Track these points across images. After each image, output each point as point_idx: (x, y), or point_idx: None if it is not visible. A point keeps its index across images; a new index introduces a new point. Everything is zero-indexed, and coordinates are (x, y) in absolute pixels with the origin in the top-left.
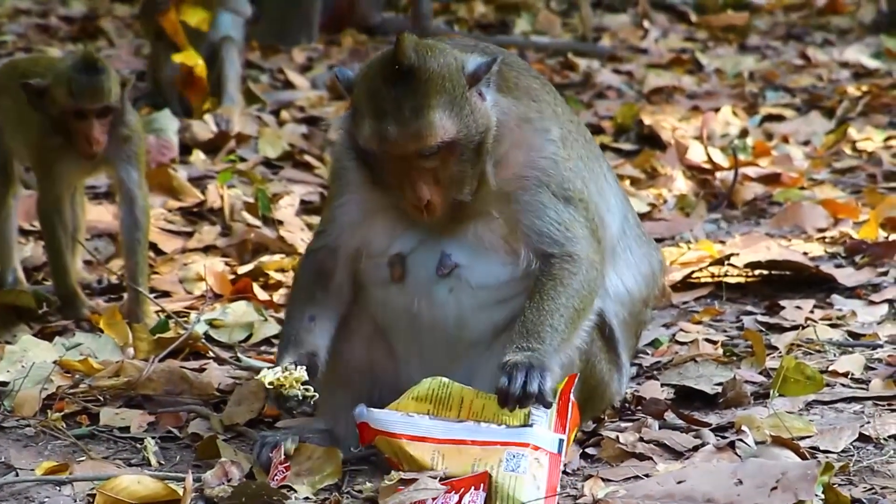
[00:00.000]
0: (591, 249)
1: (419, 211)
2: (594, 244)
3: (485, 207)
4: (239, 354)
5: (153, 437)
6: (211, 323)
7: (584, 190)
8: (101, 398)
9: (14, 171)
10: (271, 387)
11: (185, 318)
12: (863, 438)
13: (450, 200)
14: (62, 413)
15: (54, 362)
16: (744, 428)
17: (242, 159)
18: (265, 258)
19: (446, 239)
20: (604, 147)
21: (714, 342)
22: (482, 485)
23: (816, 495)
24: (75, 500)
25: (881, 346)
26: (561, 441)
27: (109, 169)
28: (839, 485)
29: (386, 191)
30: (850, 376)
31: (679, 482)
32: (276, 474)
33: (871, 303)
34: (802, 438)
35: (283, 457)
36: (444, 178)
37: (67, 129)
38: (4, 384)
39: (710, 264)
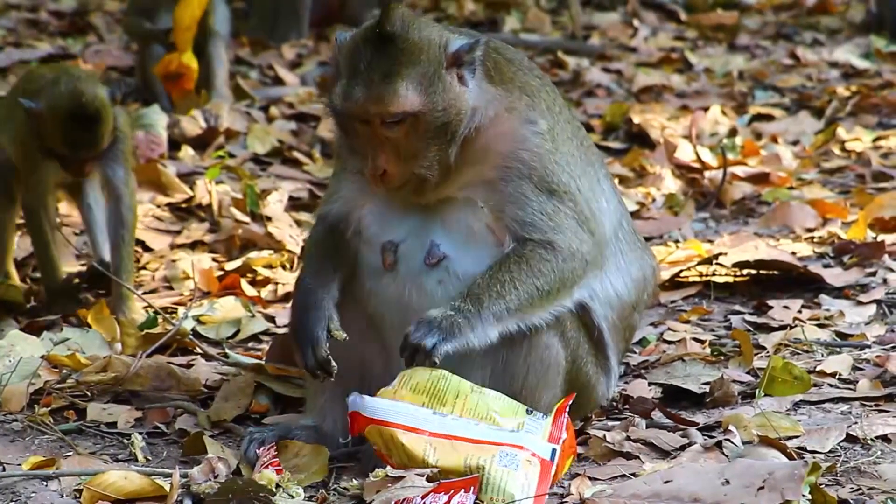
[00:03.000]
0: (575, 240)
1: (375, 180)
2: (582, 235)
3: (470, 195)
4: (227, 350)
5: (140, 433)
6: (199, 319)
7: (571, 183)
8: (89, 393)
9: None
10: None
11: (173, 315)
12: (850, 439)
13: (409, 175)
14: (49, 408)
15: (41, 357)
16: (731, 427)
17: (231, 155)
18: (253, 254)
19: (435, 228)
20: None
21: (702, 341)
22: (472, 487)
23: (803, 496)
24: (62, 496)
25: (869, 347)
26: (554, 450)
27: (96, 167)
28: (826, 485)
29: (354, 156)
30: (837, 376)
31: (666, 482)
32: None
33: (859, 303)
34: (790, 438)
35: (271, 454)
36: (405, 150)
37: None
38: None
39: (699, 263)
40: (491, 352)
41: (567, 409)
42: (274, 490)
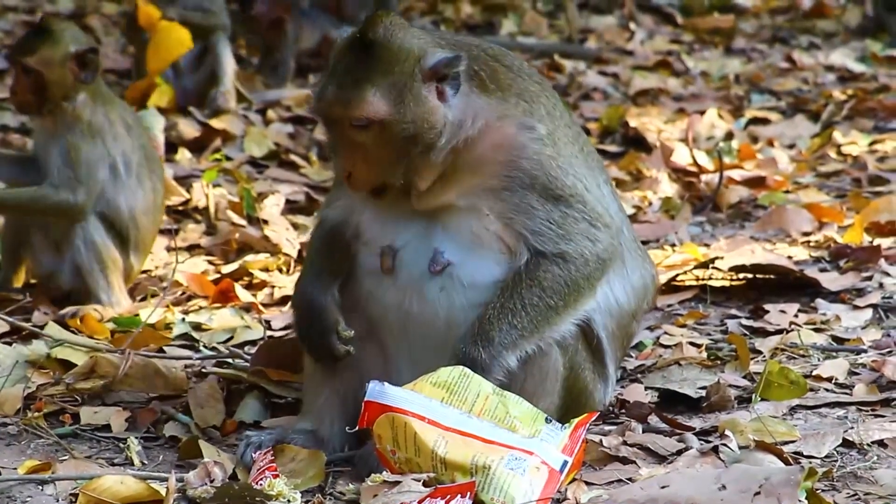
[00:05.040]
0: (587, 244)
1: (346, 180)
2: (596, 233)
3: (474, 203)
4: (202, 346)
5: (136, 437)
6: (200, 326)
7: (577, 184)
8: (79, 398)
9: None
10: None
11: (166, 315)
12: (846, 444)
13: (376, 180)
14: (41, 412)
15: (27, 361)
16: (727, 432)
17: (228, 158)
18: (250, 257)
19: (437, 234)
20: None
21: (698, 346)
22: (469, 493)
23: (800, 501)
24: (58, 500)
25: (865, 351)
26: (565, 462)
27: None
28: (822, 490)
29: (332, 155)
30: (833, 381)
31: (662, 487)
32: (260, 479)
33: (856, 307)
34: (786, 443)
35: (268, 458)
36: (372, 156)
37: None
38: None
39: (695, 267)
40: None
41: (587, 426)
42: (274, 495)
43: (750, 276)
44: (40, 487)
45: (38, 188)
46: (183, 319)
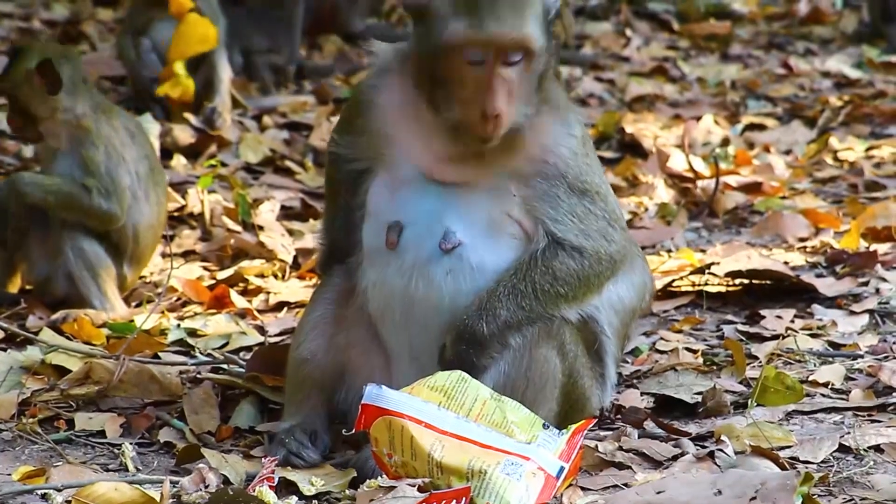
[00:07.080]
0: (603, 243)
1: (487, 125)
2: (612, 234)
3: (499, 182)
4: (198, 352)
5: (131, 443)
6: (195, 332)
7: (602, 185)
8: (73, 404)
9: None
10: None
11: (160, 321)
12: (842, 449)
13: (514, 120)
14: (36, 418)
15: (22, 367)
16: (723, 437)
17: (223, 164)
18: (245, 263)
19: (449, 213)
20: None
21: (694, 351)
22: (464, 498)
23: None
24: None
25: (861, 357)
26: (562, 468)
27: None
28: (819, 495)
29: (450, 106)
30: (830, 386)
31: (658, 492)
32: (257, 486)
33: (852, 313)
34: (782, 448)
35: (272, 467)
36: (514, 93)
37: None
38: None
39: (691, 273)
40: (493, 367)
41: (585, 432)
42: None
43: (746, 281)
44: (35, 493)
45: (74, 184)
46: (178, 325)
